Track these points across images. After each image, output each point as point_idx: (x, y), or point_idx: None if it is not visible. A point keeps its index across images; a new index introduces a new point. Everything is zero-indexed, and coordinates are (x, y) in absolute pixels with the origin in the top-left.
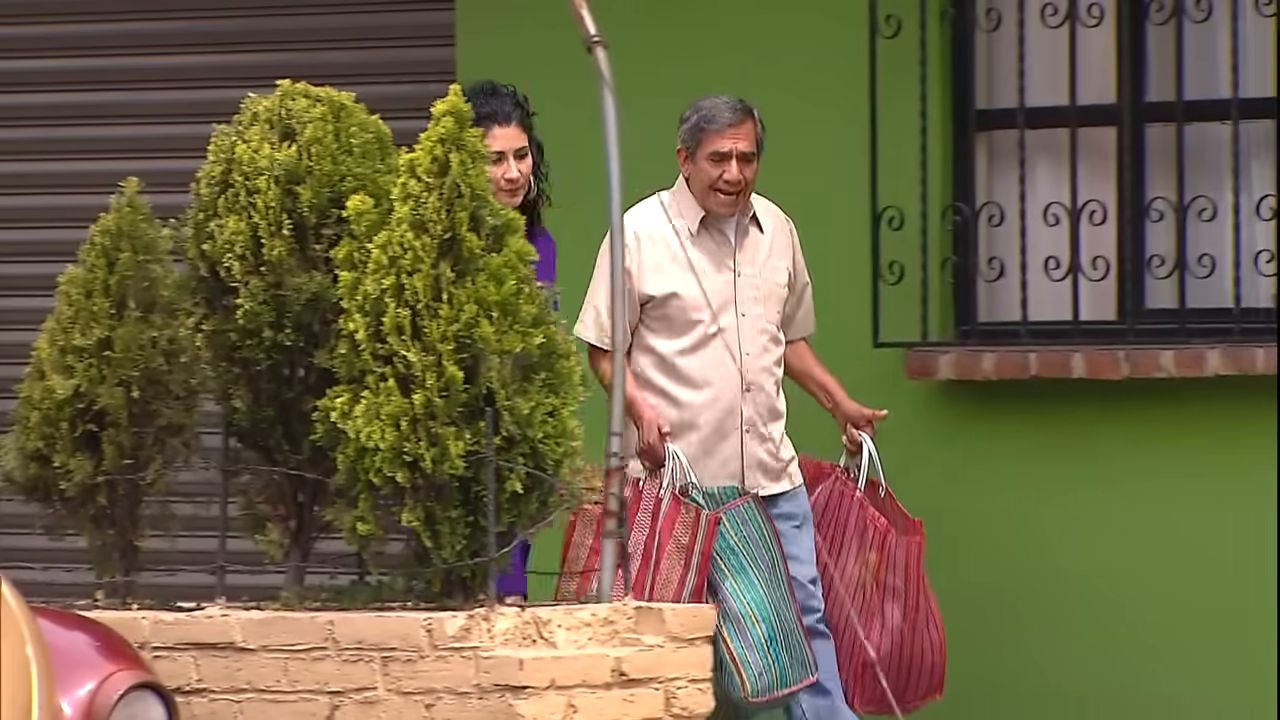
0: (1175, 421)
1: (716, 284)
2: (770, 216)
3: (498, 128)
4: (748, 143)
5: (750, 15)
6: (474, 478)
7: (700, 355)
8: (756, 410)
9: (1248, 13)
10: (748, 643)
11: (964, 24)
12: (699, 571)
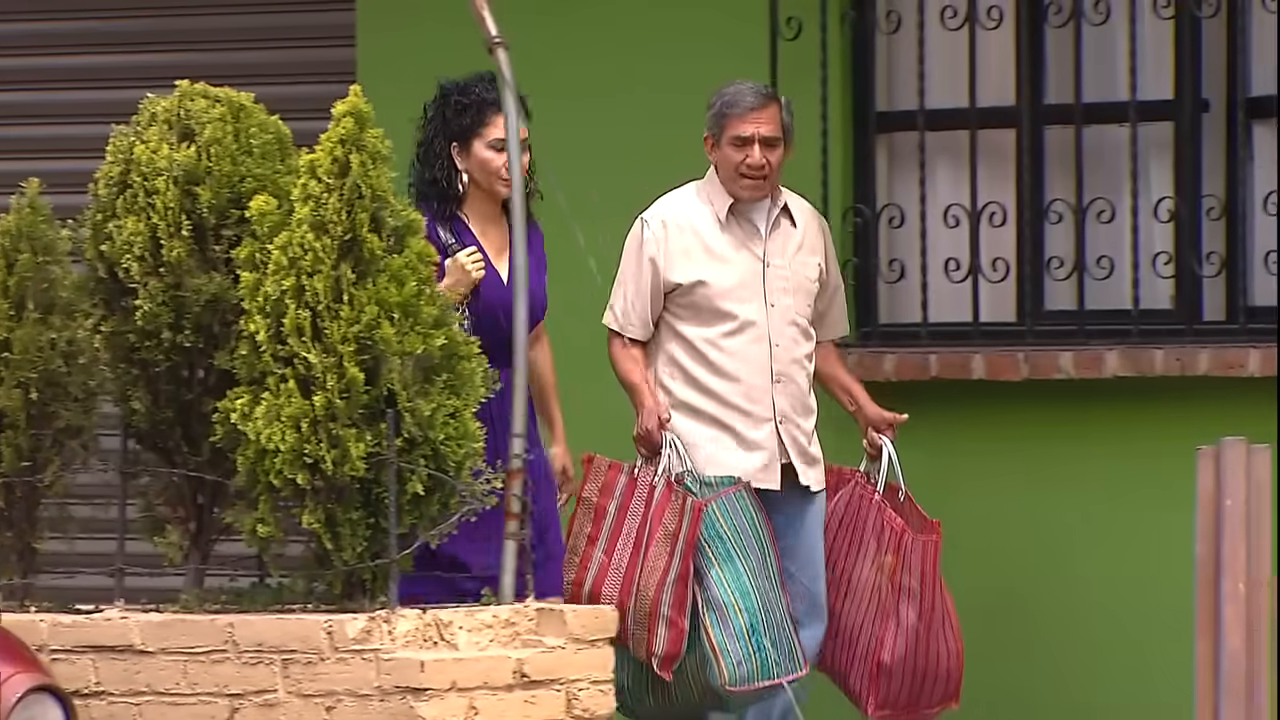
0: (1074, 422)
1: (745, 273)
2: (803, 211)
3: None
4: (770, 127)
5: (652, 16)
6: (375, 479)
7: (730, 345)
8: (789, 402)
9: (1145, 16)
10: (729, 631)
11: (864, 26)
12: (682, 558)
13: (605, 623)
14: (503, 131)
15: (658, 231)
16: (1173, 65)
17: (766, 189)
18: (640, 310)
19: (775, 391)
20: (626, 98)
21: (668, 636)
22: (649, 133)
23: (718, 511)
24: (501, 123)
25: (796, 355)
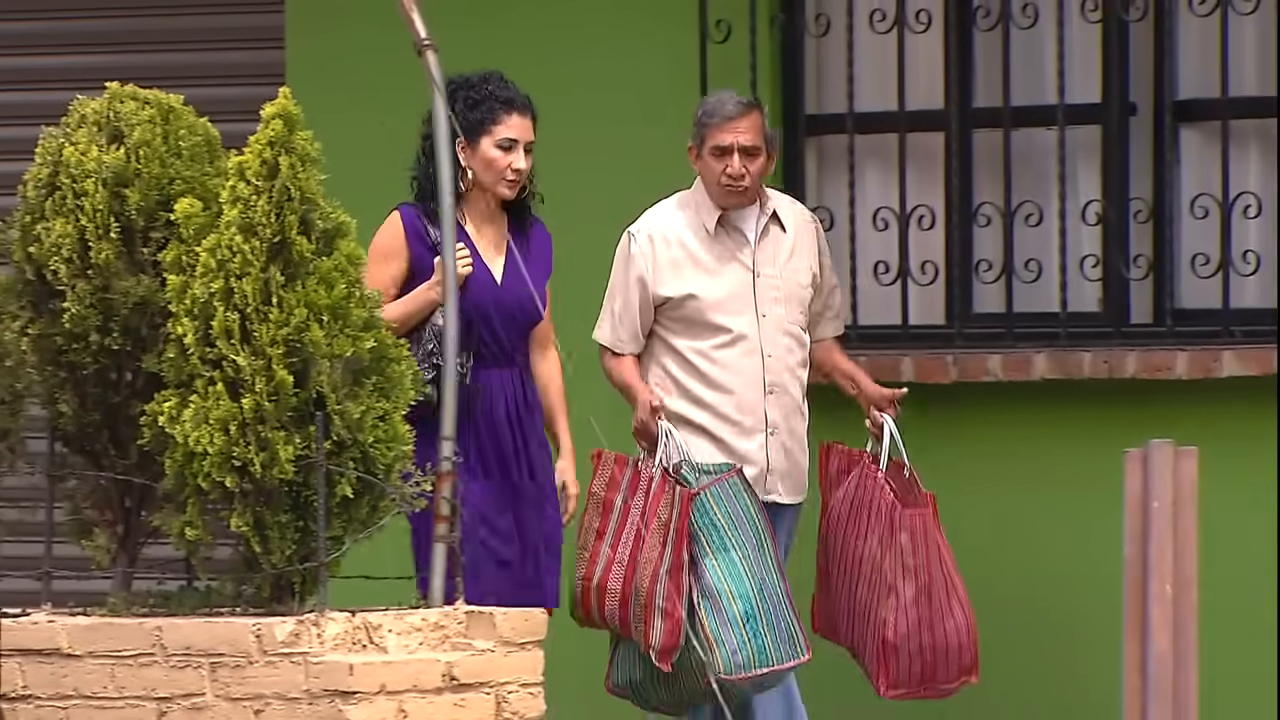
0: (1002, 424)
1: (735, 284)
2: (793, 216)
3: (516, 115)
4: (750, 136)
5: (580, 19)
6: (304, 482)
7: (722, 357)
8: (781, 413)
9: (1073, 19)
10: (723, 619)
11: (793, 29)
12: (674, 549)
13: (535, 625)
14: (515, 132)
15: (644, 246)
16: (1100, 69)
17: (749, 198)
18: (630, 325)
19: (768, 403)
20: (556, 101)
21: (663, 628)
22: (580, 136)
23: (711, 499)
24: (515, 123)
25: (789, 364)
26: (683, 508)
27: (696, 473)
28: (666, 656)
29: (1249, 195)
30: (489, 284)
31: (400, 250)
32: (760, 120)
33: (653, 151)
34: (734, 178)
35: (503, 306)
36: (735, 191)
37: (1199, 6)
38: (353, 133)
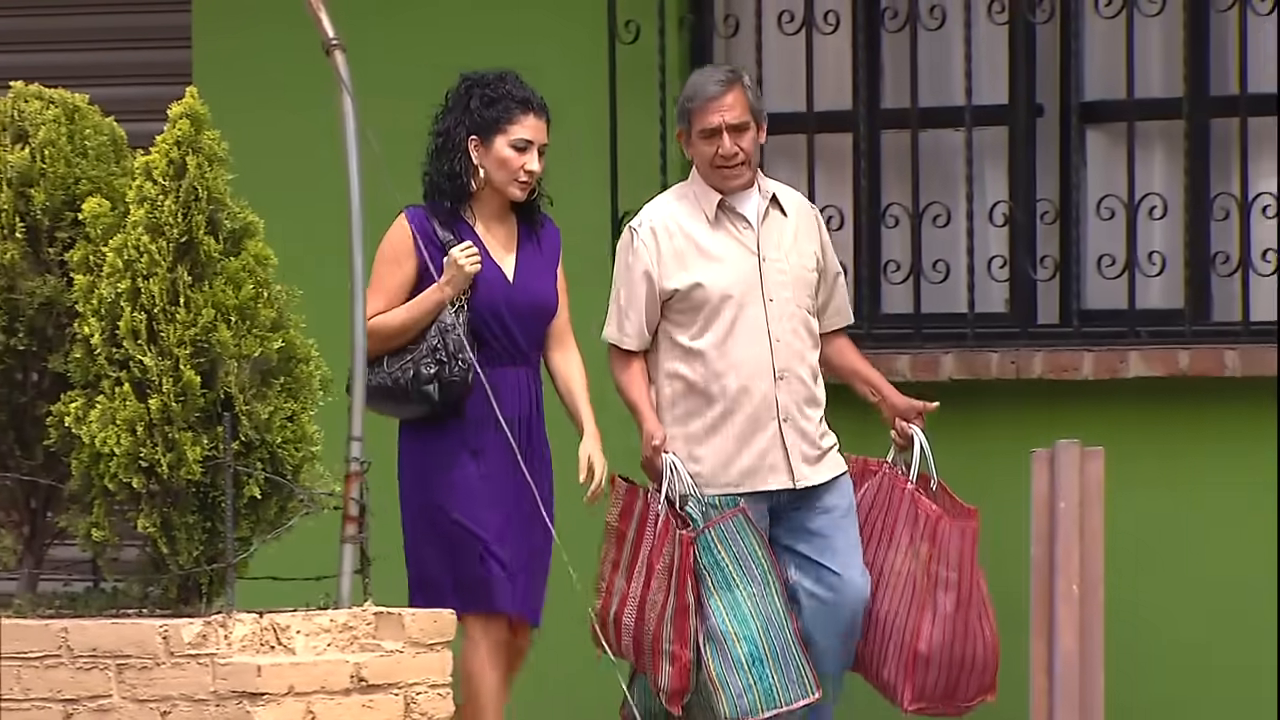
0: None
1: (741, 270)
2: (793, 201)
3: (532, 116)
4: (736, 113)
5: (490, 19)
6: (211, 483)
7: (729, 345)
8: (793, 399)
9: (981, 21)
10: (728, 663)
11: (702, 30)
12: (678, 593)
13: (444, 626)
14: (529, 133)
15: (647, 238)
16: (1007, 70)
17: (747, 176)
18: (636, 322)
19: (779, 390)
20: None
21: (671, 671)
22: None
23: (715, 539)
24: (530, 124)
25: (798, 349)
26: (683, 551)
27: (703, 507)
28: (676, 699)
29: (1155, 196)
30: (500, 282)
31: (408, 253)
32: (743, 94)
33: (562, 151)
34: (726, 157)
35: (515, 305)
36: (731, 172)
37: (1105, 8)
38: (260, 132)
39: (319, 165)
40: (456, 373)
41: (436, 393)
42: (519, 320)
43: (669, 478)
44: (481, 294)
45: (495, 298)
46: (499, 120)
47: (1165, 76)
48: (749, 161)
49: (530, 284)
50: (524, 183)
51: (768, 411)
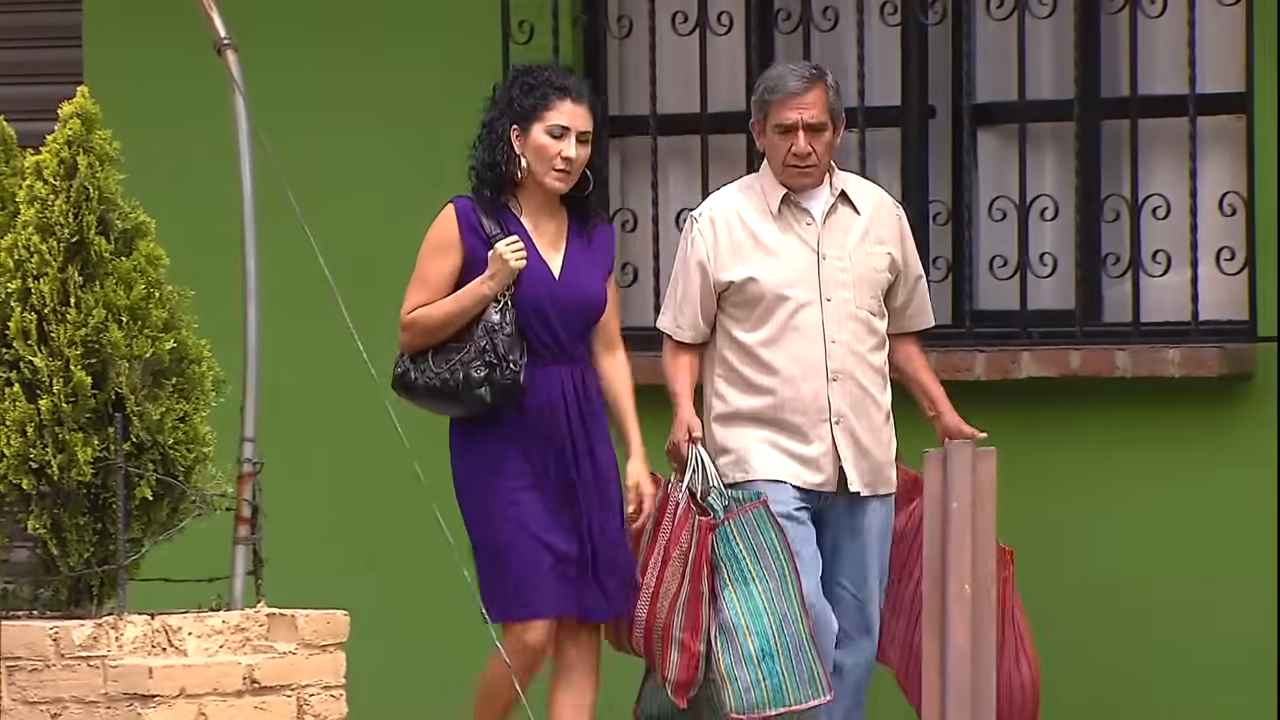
0: None
1: (799, 267)
2: (870, 199)
3: (569, 102)
4: (815, 112)
5: (384, 19)
6: (102, 484)
7: (783, 342)
8: (848, 402)
9: (873, 22)
10: (737, 656)
11: (596, 30)
12: (692, 580)
13: (336, 627)
14: (566, 119)
15: (705, 230)
16: (900, 72)
17: (816, 176)
18: (691, 313)
19: (832, 391)
20: (358, 102)
21: (679, 661)
22: (384, 138)
23: (734, 530)
24: (569, 110)
25: (858, 350)
26: (701, 538)
27: (724, 500)
28: (682, 691)
29: (1046, 198)
30: (545, 279)
31: (454, 243)
32: (825, 93)
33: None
34: (800, 156)
35: (560, 303)
36: (802, 171)
37: (996, 10)
38: (152, 132)
39: (211, 165)
40: (508, 375)
41: (489, 395)
42: (563, 318)
43: (693, 466)
44: (526, 290)
45: (540, 294)
46: (536, 108)
47: (1056, 78)
48: (820, 163)
49: (577, 281)
50: (561, 170)
51: (819, 413)
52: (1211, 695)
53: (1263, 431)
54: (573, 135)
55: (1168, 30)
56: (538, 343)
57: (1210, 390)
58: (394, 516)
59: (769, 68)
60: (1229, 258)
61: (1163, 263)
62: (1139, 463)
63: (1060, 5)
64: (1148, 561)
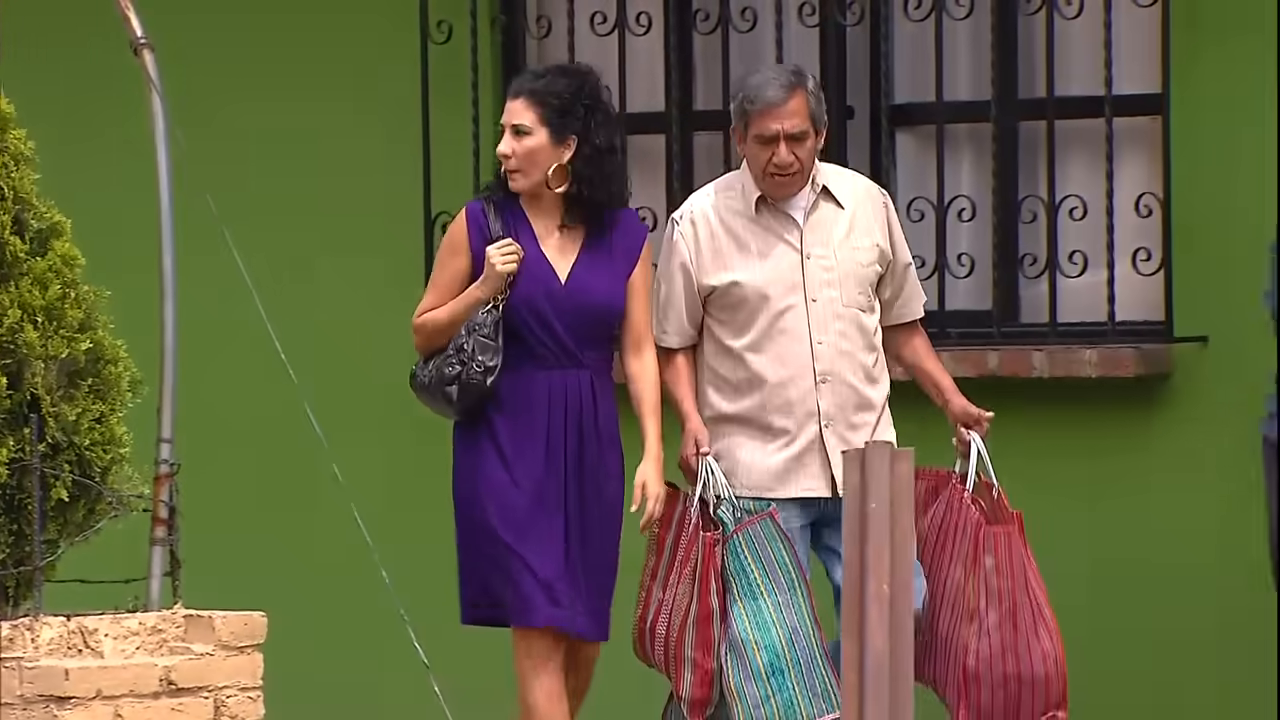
0: None
1: (782, 268)
2: (852, 191)
3: (509, 100)
4: (796, 121)
5: (301, 18)
6: (18, 485)
7: (768, 346)
8: (837, 403)
9: (792, 23)
10: (746, 672)
11: (514, 30)
12: (701, 597)
13: (254, 629)
14: (505, 116)
15: (687, 232)
16: (818, 73)
17: (799, 184)
18: (675, 318)
19: (820, 393)
20: (276, 105)
21: (693, 680)
22: (300, 138)
23: (743, 544)
24: (507, 107)
25: (845, 349)
26: (706, 553)
27: (736, 512)
28: (698, 710)
29: (963, 199)
30: (546, 281)
31: (463, 246)
32: (805, 101)
33: (375, 154)
34: (781, 167)
35: (560, 305)
36: (784, 180)
37: (914, 11)
38: (68, 132)
39: (127, 165)
40: (474, 376)
41: (456, 394)
42: (565, 321)
43: (704, 478)
44: (522, 292)
45: (537, 296)
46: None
47: (974, 80)
48: (803, 171)
49: (586, 285)
50: (512, 171)
51: (808, 416)
52: (1140, 695)
53: (1179, 432)
54: (506, 129)
55: (1084, 32)
56: (539, 347)
57: (1127, 390)
58: (312, 517)
59: (749, 74)
60: (1145, 258)
61: (1080, 263)
62: (1056, 462)
63: (977, 7)
64: (1066, 561)
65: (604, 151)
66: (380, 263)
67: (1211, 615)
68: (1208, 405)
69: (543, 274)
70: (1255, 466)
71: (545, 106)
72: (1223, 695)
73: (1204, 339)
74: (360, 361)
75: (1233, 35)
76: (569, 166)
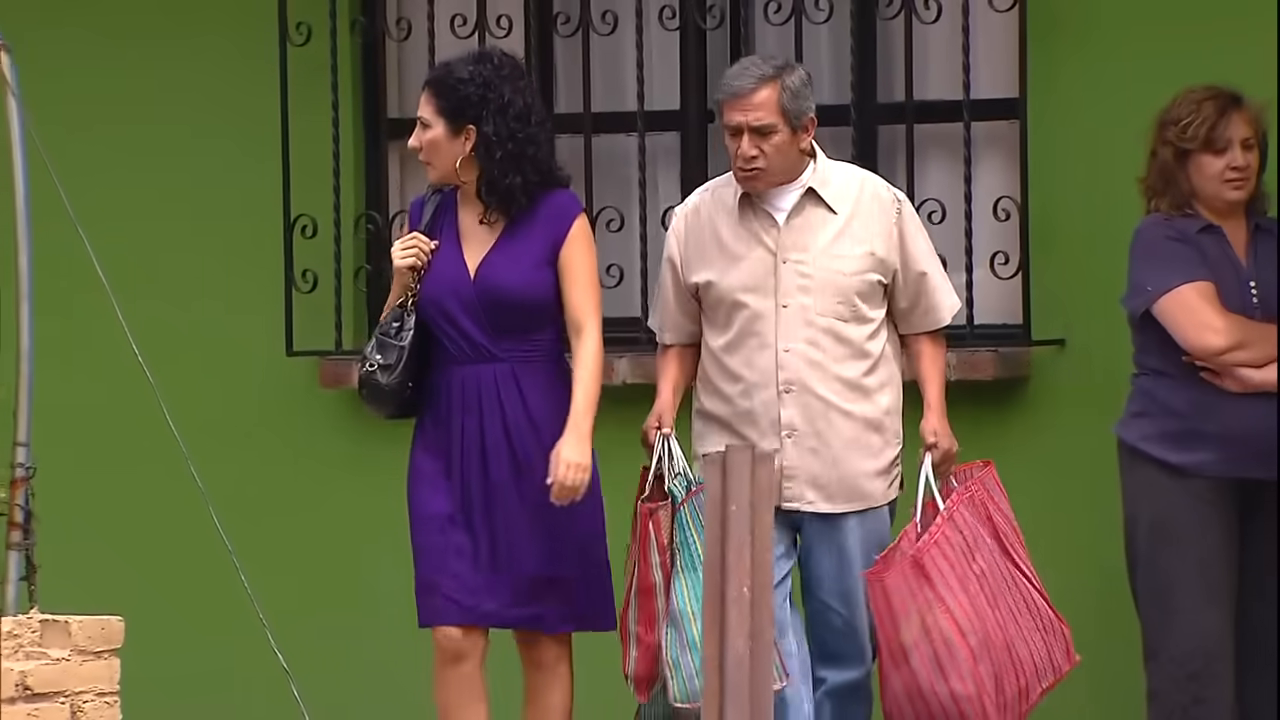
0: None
1: (756, 270)
2: (852, 195)
3: (422, 94)
4: (760, 114)
5: (160, 19)
6: None
7: (741, 349)
8: (802, 415)
9: (652, 26)
10: (682, 643)
11: (374, 33)
12: (640, 570)
13: (111, 634)
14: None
15: (677, 227)
16: (679, 76)
17: (767, 180)
18: (666, 313)
19: (784, 403)
20: (134, 102)
21: (636, 655)
22: (157, 136)
23: (688, 515)
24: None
25: (816, 359)
26: (643, 524)
27: (685, 484)
28: (643, 686)
29: None
30: (450, 275)
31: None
32: (777, 94)
33: (234, 155)
34: (744, 158)
35: (466, 298)
36: (748, 174)
37: (774, 15)
38: None
39: None
40: (372, 376)
41: (365, 396)
42: (474, 315)
43: (659, 452)
44: (427, 288)
45: (443, 294)
46: None
47: (834, 83)
48: (772, 166)
49: (497, 275)
50: (423, 163)
51: (771, 426)
52: None
53: (1038, 435)
54: (419, 124)
55: (943, 36)
56: (451, 344)
57: (986, 393)
58: (170, 521)
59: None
60: (1003, 262)
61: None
62: (915, 463)
63: (837, 11)
64: None
65: (502, 140)
66: (239, 265)
67: (1069, 616)
68: (1065, 408)
69: (450, 269)
70: (1111, 468)
71: (442, 97)
72: (1076, 693)
73: (1061, 342)
74: (219, 365)
75: (1090, 40)
76: (473, 157)
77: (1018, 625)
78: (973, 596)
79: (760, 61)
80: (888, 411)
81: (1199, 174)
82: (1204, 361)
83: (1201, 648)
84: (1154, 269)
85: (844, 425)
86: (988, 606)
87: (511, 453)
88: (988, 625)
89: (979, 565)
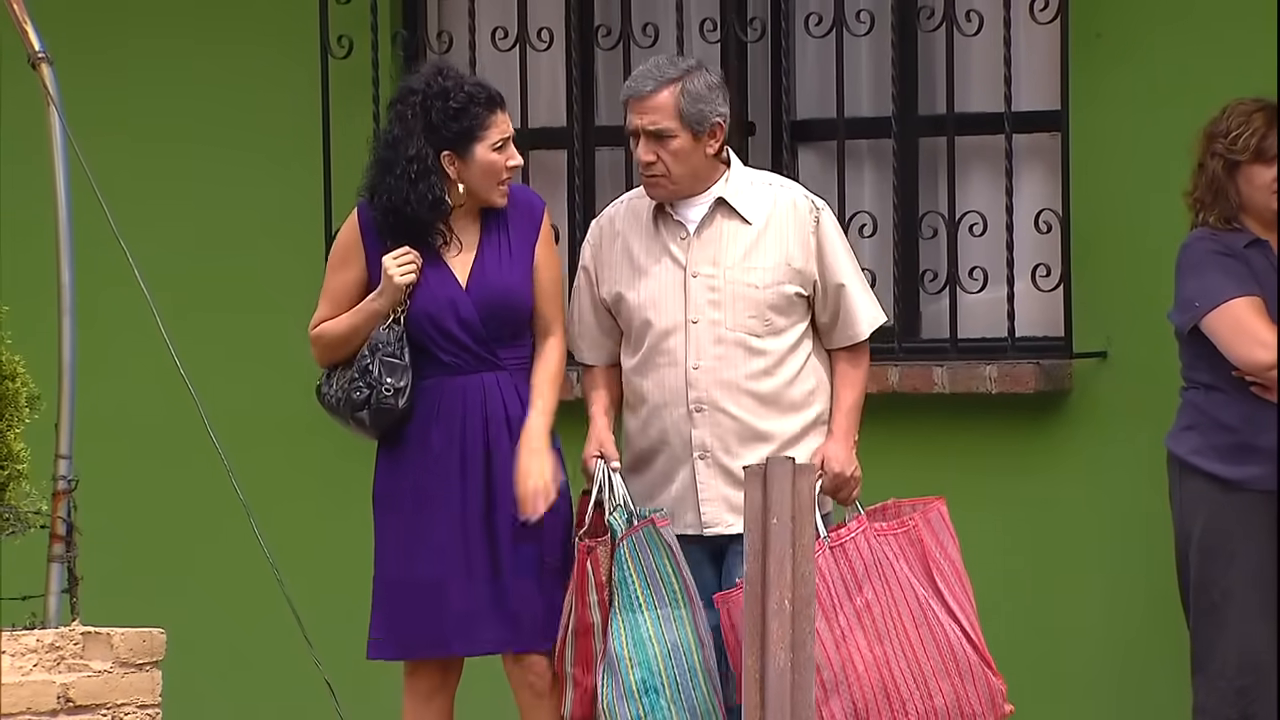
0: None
1: (664, 284)
2: (767, 206)
3: (500, 112)
4: (655, 118)
5: (202, 32)
6: None
7: (649, 369)
8: (715, 434)
9: (693, 38)
10: (619, 691)
11: (416, 45)
12: (578, 609)
13: (153, 646)
14: (504, 129)
15: (593, 238)
16: None
17: (667, 188)
18: (581, 330)
19: (694, 423)
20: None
21: (574, 697)
22: (199, 150)
23: (626, 553)
24: (499, 120)
25: (727, 377)
26: (580, 561)
27: (625, 518)
28: None
29: (864, 214)
30: (446, 288)
31: (355, 252)
32: (677, 97)
33: (276, 170)
34: (642, 163)
35: (462, 311)
36: (648, 180)
37: (815, 28)
38: None
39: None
40: (386, 399)
41: (368, 419)
42: (470, 326)
43: (599, 480)
44: (421, 303)
45: (439, 307)
46: (473, 128)
47: (875, 95)
48: (672, 173)
49: (490, 282)
50: (506, 182)
51: (684, 448)
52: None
53: (1079, 447)
54: (510, 142)
55: (984, 48)
56: (447, 357)
57: (1027, 406)
58: (213, 533)
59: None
60: (1045, 274)
61: (980, 279)
62: (957, 478)
63: (878, 23)
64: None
65: (380, 162)
66: (281, 277)
67: (1115, 630)
68: (1107, 420)
69: (440, 280)
70: (1154, 481)
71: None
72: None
73: (1103, 354)
74: (263, 377)
75: (1132, 53)
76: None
77: (910, 667)
78: (841, 631)
79: (667, 62)
80: (803, 430)
81: (1249, 185)
82: (1253, 376)
83: (1252, 662)
84: (1202, 284)
85: (759, 445)
86: (864, 642)
87: (514, 454)
88: (856, 662)
89: (863, 599)
